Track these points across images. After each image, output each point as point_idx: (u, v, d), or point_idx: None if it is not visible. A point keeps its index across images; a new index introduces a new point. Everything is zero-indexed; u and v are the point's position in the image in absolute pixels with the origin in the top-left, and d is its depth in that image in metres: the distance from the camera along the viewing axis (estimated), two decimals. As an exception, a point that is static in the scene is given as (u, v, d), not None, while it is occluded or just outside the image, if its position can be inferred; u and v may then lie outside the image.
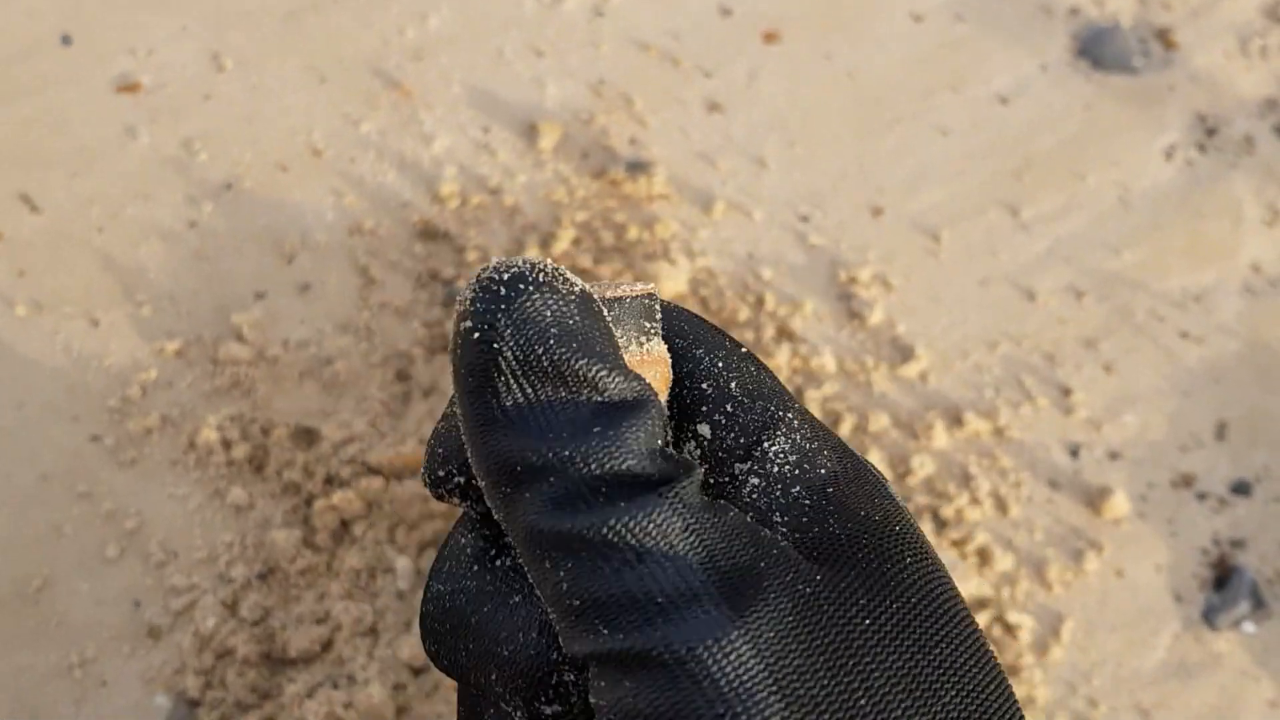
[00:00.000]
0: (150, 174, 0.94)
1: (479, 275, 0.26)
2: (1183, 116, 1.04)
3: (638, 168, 0.96)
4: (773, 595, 0.24)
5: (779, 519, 0.27)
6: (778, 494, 0.27)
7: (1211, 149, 1.02)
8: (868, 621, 0.25)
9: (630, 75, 1.03)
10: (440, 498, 0.29)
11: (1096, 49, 1.06)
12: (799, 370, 0.88)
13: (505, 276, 0.26)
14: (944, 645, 0.25)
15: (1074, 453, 0.87)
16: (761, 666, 0.23)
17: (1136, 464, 0.86)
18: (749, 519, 0.26)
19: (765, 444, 0.28)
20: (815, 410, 0.85)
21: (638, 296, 0.29)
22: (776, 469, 0.28)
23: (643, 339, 0.29)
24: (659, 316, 0.29)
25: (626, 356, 0.28)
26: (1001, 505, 0.84)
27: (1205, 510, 0.85)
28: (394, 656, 0.74)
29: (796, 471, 0.28)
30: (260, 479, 0.81)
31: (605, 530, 0.24)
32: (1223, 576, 0.82)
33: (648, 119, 1.00)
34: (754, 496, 0.27)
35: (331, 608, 0.76)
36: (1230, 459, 0.87)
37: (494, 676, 0.27)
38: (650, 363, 0.29)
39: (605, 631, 0.24)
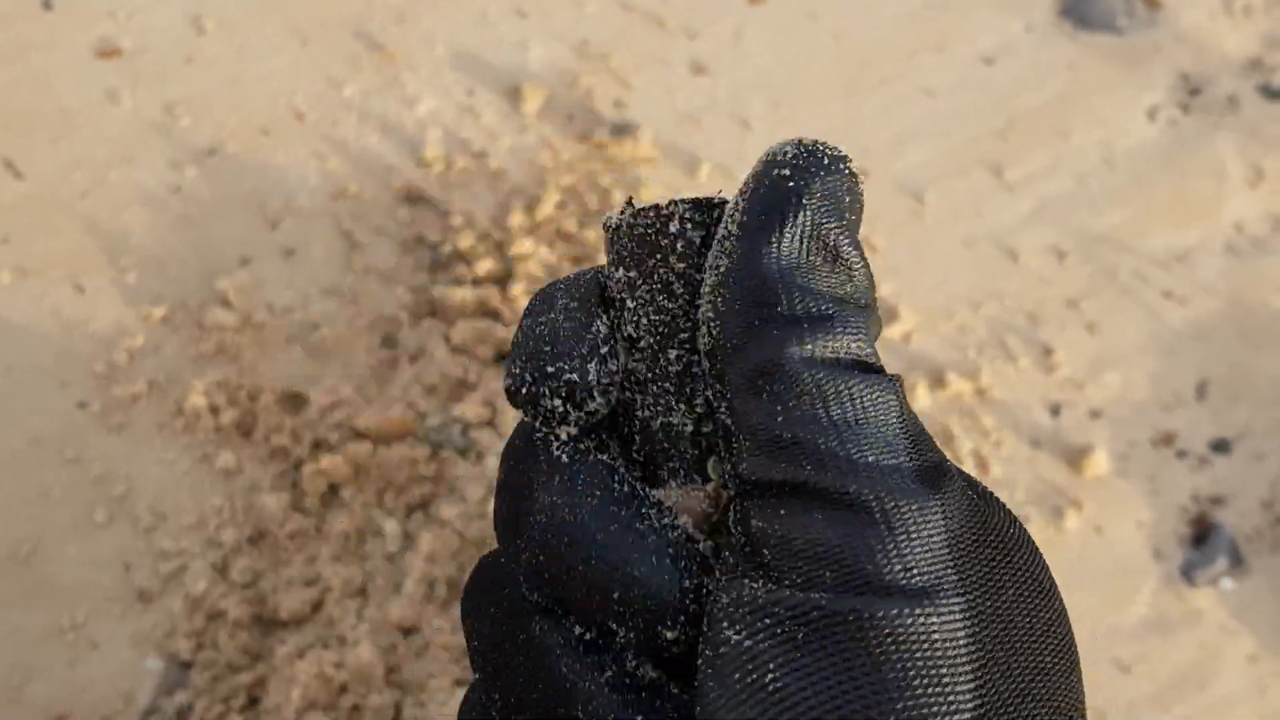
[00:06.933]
0: (133, 139, 0.94)
1: (804, 142, 0.29)
2: (1167, 76, 1.04)
3: (623, 130, 0.96)
4: (956, 489, 0.27)
5: None
6: None
7: (1195, 109, 1.02)
8: (1013, 531, 0.29)
9: (614, 36, 1.02)
10: (530, 400, 0.30)
11: (1081, 8, 1.06)
12: (784, 332, 0.88)
13: (831, 150, 0.29)
14: (1055, 597, 0.30)
15: (1055, 412, 0.87)
16: (945, 538, 0.26)
17: (1118, 423, 0.87)
18: None
19: None
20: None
21: None
22: None
23: None
24: None
25: None
26: (983, 464, 0.85)
27: (1185, 468, 0.86)
28: (383, 617, 0.75)
29: None
30: (248, 444, 0.81)
31: (843, 388, 0.27)
32: (1202, 533, 0.84)
33: (632, 81, 1.00)
34: None
35: (321, 570, 0.77)
36: (1211, 417, 0.88)
37: (616, 595, 0.28)
38: None
39: (809, 469, 0.26)
